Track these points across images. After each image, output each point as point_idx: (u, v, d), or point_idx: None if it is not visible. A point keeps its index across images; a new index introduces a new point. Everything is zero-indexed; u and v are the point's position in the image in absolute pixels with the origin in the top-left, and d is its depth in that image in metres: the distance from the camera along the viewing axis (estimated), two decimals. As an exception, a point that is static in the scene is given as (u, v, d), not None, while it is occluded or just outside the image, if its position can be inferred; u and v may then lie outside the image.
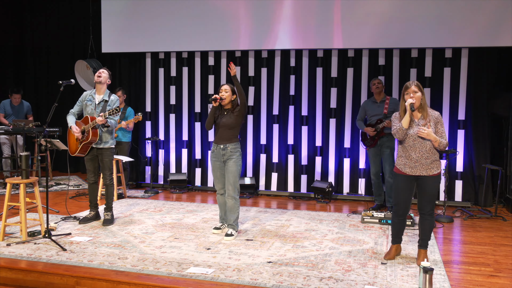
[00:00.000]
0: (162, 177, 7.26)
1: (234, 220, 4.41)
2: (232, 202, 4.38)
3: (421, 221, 3.71)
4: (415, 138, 3.59)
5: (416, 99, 3.55)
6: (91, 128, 4.58)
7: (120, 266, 3.54)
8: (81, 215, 5.11)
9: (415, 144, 3.59)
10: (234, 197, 4.37)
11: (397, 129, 3.62)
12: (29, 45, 8.48)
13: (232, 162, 4.34)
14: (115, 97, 4.80)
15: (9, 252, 3.85)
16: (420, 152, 3.58)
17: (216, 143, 4.43)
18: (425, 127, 3.55)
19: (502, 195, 5.99)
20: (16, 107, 7.14)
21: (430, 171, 3.59)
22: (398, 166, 3.71)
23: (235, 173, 4.34)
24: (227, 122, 4.35)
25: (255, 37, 6.57)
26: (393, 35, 6.08)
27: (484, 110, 6.06)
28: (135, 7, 7.03)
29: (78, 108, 4.82)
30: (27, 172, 4.29)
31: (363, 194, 6.44)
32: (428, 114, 3.61)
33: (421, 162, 3.58)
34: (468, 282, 3.38)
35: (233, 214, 4.41)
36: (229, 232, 4.35)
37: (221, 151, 4.38)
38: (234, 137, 4.39)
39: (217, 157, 4.42)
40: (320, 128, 6.62)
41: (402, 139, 3.64)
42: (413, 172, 3.62)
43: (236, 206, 4.40)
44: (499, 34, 5.73)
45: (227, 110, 4.39)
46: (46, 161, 6.16)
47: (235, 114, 4.36)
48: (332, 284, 3.25)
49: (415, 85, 3.58)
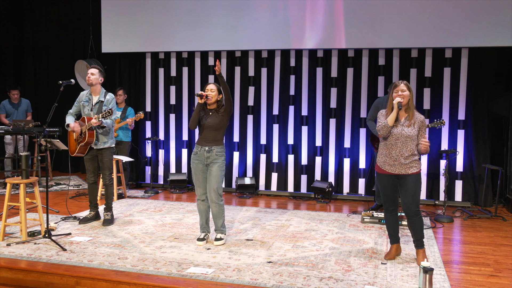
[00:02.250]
0: (162, 177, 7.26)
1: (221, 225, 4.21)
2: (216, 208, 4.14)
3: (410, 223, 3.71)
4: (397, 137, 3.63)
5: (404, 98, 3.61)
6: (87, 129, 4.60)
7: (120, 266, 3.54)
8: (81, 215, 5.11)
9: (397, 143, 3.63)
10: (218, 203, 4.12)
11: (381, 126, 3.67)
12: (29, 45, 8.48)
13: (216, 167, 4.08)
14: (111, 96, 4.81)
15: (9, 252, 3.85)
16: (400, 152, 3.62)
17: (199, 144, 4.15)
18: (409, 128, 3.61)
19: (502, 195, 5.99)
20: (16, 105, 7.13)
21: (409, 170, 3.62)
22: (379, 163, 3.76)
23: (219, 178, 4.08)
24: (212, 123, 4.11)
25: (255, 37, 6.57)
26: (393, 35, 6.08)
27: (484, 110, 6.06)
28: (135, 7, 7.03)
29: (76, 109, 4.82)
30: (27, 172, 4.29)
31: (363, 194, 6.44)
32: (414, 115, 3.65)
33: (400, 161, 3.62)
34: (468, 282, 3.38)
35: (220, 219, 4.19)
36: (218, 237, 4.18)
37: (206, 153, 4.11)
38: (220, 139, 4.15)
39: (200, 159, 4.13)
40: (320, 128, 6.62)
41: (385, 136, 3.69)
42: (393, 170, 3.66)
43: (221, 211, 4.18)
44: (499, 34, 5.73)
45: (212, 110, 4.16)
46: (46, 161, 6.15)
47: (220, 114, 4.14)
48: (332, 284, 3.25)
49: (404, 84, 3.65)
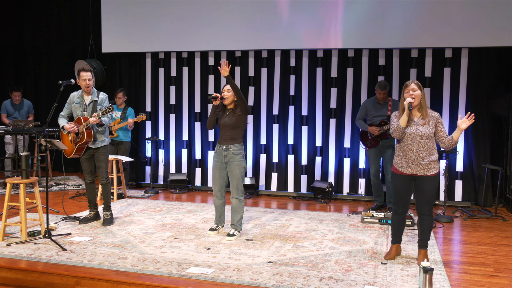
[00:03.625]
0: (162, 177, 7.26)
1: (238, 221, 4.38)
2: (236, 202, 4.36)
3: (420, 222, 3.71)
4: (413, 137, 3.59)
5: (415, 97, 3.56)
6: (85, 129, 4.60)
7: (120, 266, 3.54)
8: (81, 215, 5.11)
9: (413, 143, 3.59)
10: (238, 198, 4.35)
11: (394, 128, 3.64)
12: (29, 45, 8.47)
13: (234, 165, 4.28)
14: (104, 95, 4.82)
15: (9, 252, 3.85)
16: (417, 151, 3.58)
17: (219, 143, 4.38)
18: (423, 127, 3.56)
19: (502, 195, 5.99)
20: (17, 106, 7.14)
21: (428, 171, 3.59)
22: (396, 165, 3.72)
23: (238, 176, 4.30)
24: (229, 122, 4.29)
25: (255, 37, 6.56)
26: (393, 35, 6.08)
27: (484, 110, 6.05)
28: (135, 7, 7.03)
29: (67, 111, 4.80)
30: (27, 172, 4.29)
31: (363, 194, 6.43)
32: (427, 114, 3.62)
33: (418, 162, 3.58)
34: (468, 282, 3.38)
35: (237, 214, 4.37)
36: (231, 232, 4.33)
37: (223, 152, 4.32)
38: (237, 138, 4.31)
39: (219, 158, 4.36)
40: (320, 128, 6.61)
41: (399, 137, 3.65)
42: (410, 171, 3.62)
43: (241, 207, 4.37)
44: (499, 34, 5.73)
45: (229, 110, 4.34)
46: (46, 161, 6.16)
47: (236, 114, 4.30)
48: (332, 284, 3.25)
49: (415, 84, 3.60)
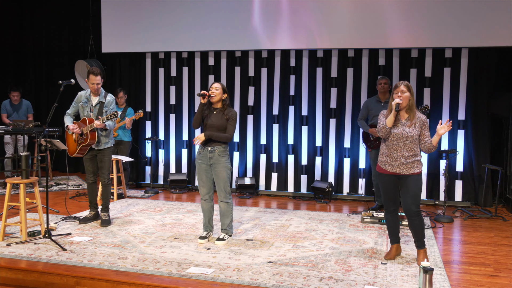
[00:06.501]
0: (162, 177, 7.26)
1: (228, 224, 4.23)
2: (224, 206, 4.20)
3: (410, 224, 3.70)
4: (398, 137, 3.62)
5: (403, 99, 3.59)
6: (89, 130, 4.59)
7: (120, 266, 3.54)
8: (81, 215, 5.11)
9: (398, 144, 3.62)
10: (226, 201, 4.19)
11: (381, 127, 3.67)
12: (29, 45, 8.47)
13: (220, 167, 4.10)
14: (111, 97, 4.80)
15: (9, 252, 3.85)
16: (401, 152, 3.61)
17: (203, 144, 4.15)
18: (410, 128, 3.59)
19: (502, 195, 5.99)
20: (16, 106, 7.14)
21: (410, 170, 3.61)
22: (380, 163, 3.76)
23: (226, 179, 4.13)
24: (215, 123, 4.08)
25: (255, 37, 6.56)
26: (393, 35, 6.08)
27: (484, 110, 6.05)
28: (135, 7, 7.03)
29: (74, 110, 4.80)
30: (27, 172, 4.29)
31: (363, 194, 6.43)
32: (415, 116, 3.64)
33: (400, 161, 3.62)
34: (468, 282, 3.38)
35: (227, 218, 4.23)
36: (221, 237, 4.20)
37: (208, 153, 4.11)
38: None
39: (203, 160, 4.15)
40: (320, 128, 6.61)
41: (385, 137, 3.69)
42: (393, 169, 3.65)
43: (229, 210, 4.22)
44: (499, 34, 5.73)
45: (216, 110, 4.14)
46: (46, 161, 6.16)
47: (225, 117, 4.10)
48: (332, 284, 3.25)
49: (404, 85, 3.62)
